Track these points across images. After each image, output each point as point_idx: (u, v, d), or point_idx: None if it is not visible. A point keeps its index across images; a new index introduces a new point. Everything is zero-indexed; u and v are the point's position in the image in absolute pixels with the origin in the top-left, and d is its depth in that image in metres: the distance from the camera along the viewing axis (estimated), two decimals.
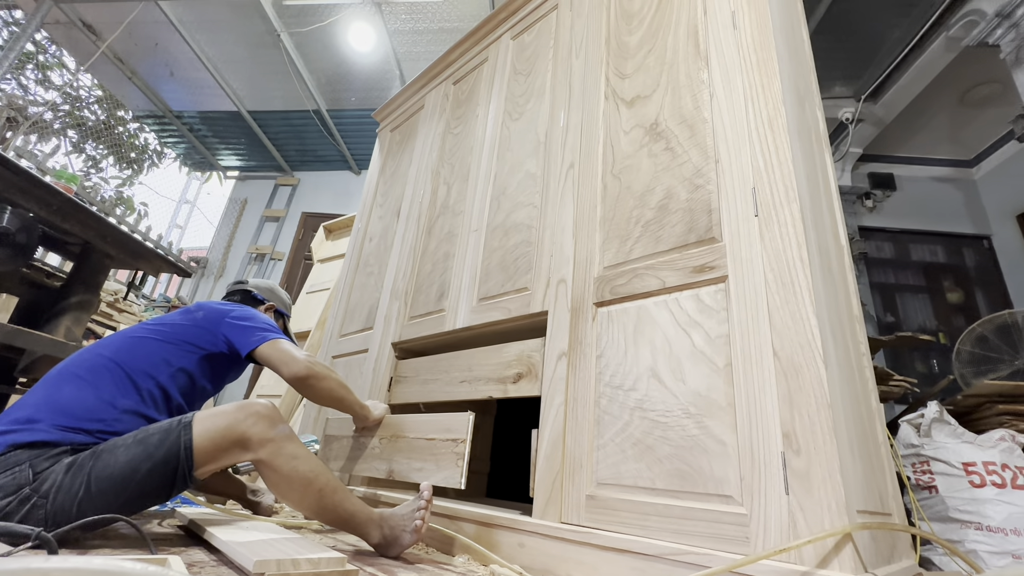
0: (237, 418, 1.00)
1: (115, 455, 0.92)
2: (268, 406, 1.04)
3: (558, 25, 1.77)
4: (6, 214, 1.62)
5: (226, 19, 4.01)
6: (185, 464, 0.95)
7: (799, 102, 1.20)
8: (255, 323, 1.28)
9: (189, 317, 1.27)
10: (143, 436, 0.95)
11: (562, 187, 1.45)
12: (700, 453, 0.90)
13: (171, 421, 0.99)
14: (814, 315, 0.84)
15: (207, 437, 0.97)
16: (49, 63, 6.17)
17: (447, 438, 1.19)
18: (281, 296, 1.65)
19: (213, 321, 1.26)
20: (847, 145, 4.09)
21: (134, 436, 0.96)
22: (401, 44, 4.08)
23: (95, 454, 0.92)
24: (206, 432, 0.97)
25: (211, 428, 0.98)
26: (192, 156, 6.15)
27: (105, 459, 0.91)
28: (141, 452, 0.92)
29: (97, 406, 1.00)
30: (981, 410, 1.73)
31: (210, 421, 0.99)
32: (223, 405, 1.04)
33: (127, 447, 0.93)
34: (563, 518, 1.06)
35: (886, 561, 0.89)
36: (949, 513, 1.51)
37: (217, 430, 0.98)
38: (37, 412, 0.96)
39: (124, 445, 0.94)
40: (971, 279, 4.24)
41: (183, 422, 0.98)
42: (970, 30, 3.01)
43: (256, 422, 1.01)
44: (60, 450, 0.92)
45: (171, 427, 0.97)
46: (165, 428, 0.97)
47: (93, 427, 0.97)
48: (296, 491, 1.03)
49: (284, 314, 1.64)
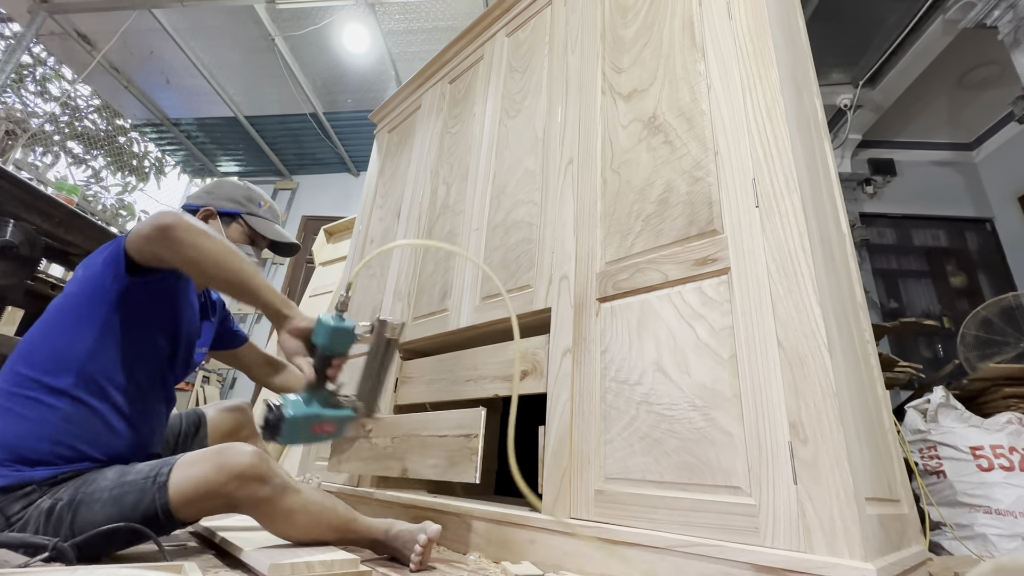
0: (217, 481, 0.87)
1: (92, 510, 0.84)
2: (252, 459, 0.89)
3: (552, 21, 1.76)
4: (9, 227, 1.63)
5: (220, 25, 4.00)
6: (168, 523, 0.87)
7: (797, 91, 1.20)
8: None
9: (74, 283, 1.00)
10: (118, 493, 0.86)
11: (561, 183, 1.45)
12: (707, 445, 0.91)
13: (146, 476, 0.87)
14: (817, 304, 0.85)
15: (185, 499, 0.87)
16: (47, 76, 6.18)
17: (460, 434, 1.20)
18: (227, 190, 1.23)
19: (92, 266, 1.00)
20: (846, 132, 4.07)
21: (109, 490, 0.86)
22: (395, 44, 4.08)
23: (72, 506, 0.84)
24: (183, 495, 0.86)
25: (188, 490, 0.86)
26: (191, 163, 6.15)
27: (84, 514, 0.84)
28: (117, 514, 0.84)
29: (28, 429, 0.88)
30: (987, 394, 1.73)
31: (187, 482, 0.87)
32: (201, 452, 0.91)
33: (103, 504, 0.85)
34: (572, 514, 1.06)
35: (895, 547, 0.90)
36: (958, 497, 1.51)
37: (196, 493, 0.87)
38: None
39: (100, 501, 0.85)
40: (974, 263, 4.23)
41: (158, 481, 0.86)
42: (967, 12, 2.99)
43: (240, 486, 0.88)
44: (25, 491, 0.84)
45: (145, 487, 0.86)
46: (140, 487, 0.86)
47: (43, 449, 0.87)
48: (297, 536, 0.98)
49: (236, 213, 1.22)
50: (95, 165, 6.59)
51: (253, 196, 1.25)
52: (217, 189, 1.22)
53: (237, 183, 1.25)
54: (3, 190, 1.56)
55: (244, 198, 1.23)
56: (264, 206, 1.27)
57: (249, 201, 1.24)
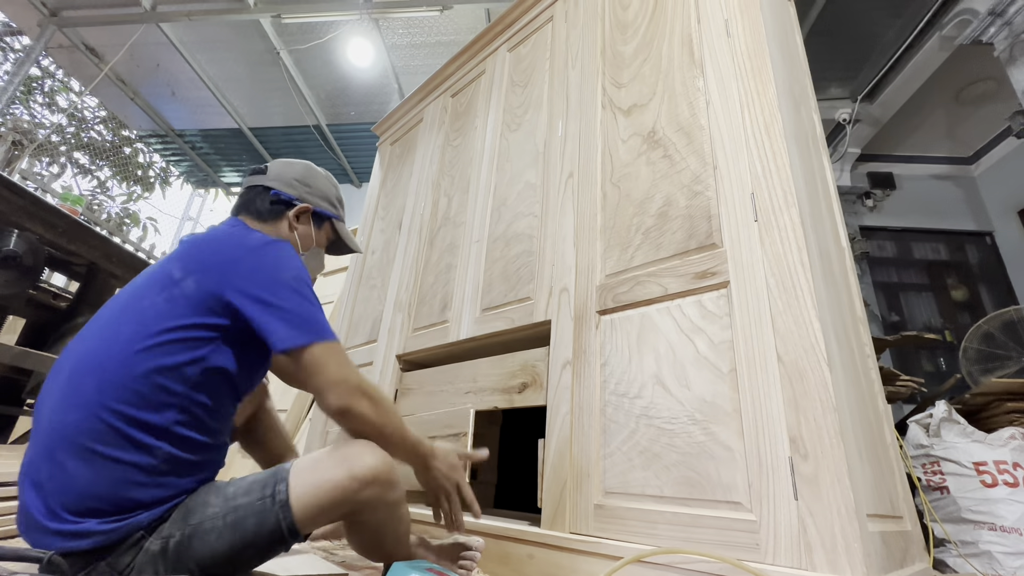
0: (349, 489, 0.80)
1: (209, 541, 0.76)
2: (383, 466, 0.83)
3: (553, 37, 1.79)
4: (13, 237, 1.64)
5: (226, 39, 4.07)
6: (292, 539, 0.80)
7: (795, 106, 1.21)
8: (283, 292, 0.82)
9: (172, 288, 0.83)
10: (234, 520, 0.78)
11: (562, 196, 1.46)
12: (707, 460, 0.90)
13: (263, 496, 0.79)
14: (817, 319, 0.85)
15: (311, 514, 0.79)
16: (56, 88, 6.26)
17: (449, 434, 1.18)
18: (322, 187, 1.10)
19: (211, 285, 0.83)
20: (845, 145, 4.10)
21: (223, 517, 0.78)
22: (399, 58, 4.13)
23: (186, 540, 0.76)
24: (308, 509, 0.79)
25: (313, 504, 0.79)
26: (195, 174, 6.20)
27: (201, 547, 0.76)
28: (240, 541, 0.77)
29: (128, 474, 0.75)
30: (990, 408, 1.72)
31: (313, 496, 0.79)
32: (317, 459, 0.82)
33: (220, 534, 0.77)
34: (572, 528, 1.06)
35: (899, 564, 0.89)
36: (962, 514, 1.50)
37: (325, 504, 0.80)
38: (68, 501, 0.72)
39: (216, 530, 0.77)
40: (975, 276, 4.23)
41: (278, 499, 0.78)
42: (963, 29, 3.03)
43: (375, 493, 0.82)
44: (134, 539, 0.75)
45: (265, 507, 0.78)
46: (258, 508, 0.78)
47: (146, 496, 0.76)
48: (368, 549, 0.94)
49: (330, 216, 1.10)
50: (101, 175, 6.65)
51: (340, 198, 1.14)
52: (313, 182, 1.08)
53: (330, 179, 1.14)
54: (7, 200, 1.58)
55: (337, 200, 1.13)
56: (342, 207, 1.17)
57: (340, 204, 1.14)
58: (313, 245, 1.08)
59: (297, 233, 1.04)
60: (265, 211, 1.02)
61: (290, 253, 0.88)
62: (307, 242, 1.07)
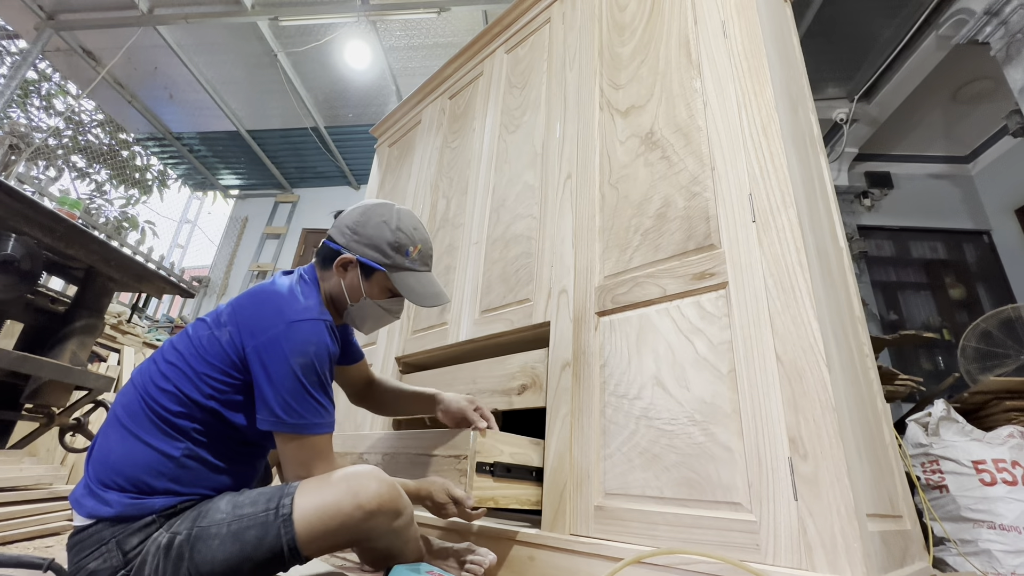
0: (353, 517, 0.81)
1: (211, 547, 0.79)
2: (389, 492, 0.85)
3: (551, 38, 1.79)
4: (10, 241, 1.63)
5: (224, 41, 4.07)
6: (293, 559, 0.82)
7: (792, 107, 1.21)
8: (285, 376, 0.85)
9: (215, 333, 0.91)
10: (237, 528, 0.80)
11: (560, 198, 1.46)
12: (707, 460, 0.90)
13: (267, 508, 0.81)
14: (815, 319, 0.85)
15: (313, 535, 0.80)
16: (52, 91, 6.25)
17: (450, 454, 1.18)
18: (372, 233, 1.01)
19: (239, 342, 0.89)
20: (842, 145, 4.11)
21: (227, 524, 0.80)
22: (397, 60, 4.13)
23: (190, 542, 0.79)
24: (310, 528, 0.80)
25: (318, 525, 0.80)
26: (193, 176, 6.20)
27: (202, 551, 0.78)
28: (238, 552, 0.79)
29: (151, 460, 0.83)
30: (989, 407, 1.72)
31: (316, 517, 0.80)
32: (323, 482, 0.84)
33: (222, 541, 0.79)
34: (572, 530, 1.06)
35: (899, 564, 0.89)
36: (961, 512, 1.50)
37: (330, 528, 0.81)
38: (100, 472, 0.83)
39: (219, 537, 0.79)
40: (973, 274, 4.24)
41: (281, 512, 0.80)
42: (959, 28, 3.04)
43: (380, 522, 0.84)
44: (144, 522, 0.80)
45: (268, 520, 0.80)
46: (262, 521, 0.80)
47: (160, 485, 0.82)
48: (378, 567, 0.97)
49: (376, 267, 1.01)
50: (98, 179, 6.64)
51: (401, 242, 1.02)
52: (363, 228, 1.02)
53: (387, 221, 1.03)
54: (4, 204, 1.57)
55: (390, 246, 1.01)
56: (413, 252, 1.04)
57: (396, 251, 1.02)
58: (363, 296, 1.02)
59: (344, 284, 1.02)
60: (322, 259, 1.04)
61: (310, 337, 0.87)
62: (354, 293, 1.02)
